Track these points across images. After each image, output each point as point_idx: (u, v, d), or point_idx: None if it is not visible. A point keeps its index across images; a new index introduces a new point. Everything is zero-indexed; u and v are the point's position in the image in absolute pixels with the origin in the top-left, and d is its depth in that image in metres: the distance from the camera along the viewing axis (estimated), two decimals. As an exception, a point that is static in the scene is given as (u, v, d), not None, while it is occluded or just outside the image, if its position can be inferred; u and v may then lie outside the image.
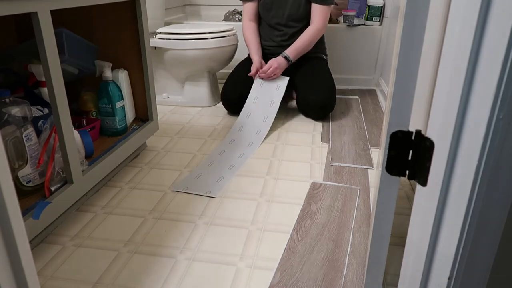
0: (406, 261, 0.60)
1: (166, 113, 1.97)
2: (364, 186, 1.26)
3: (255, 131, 1.64)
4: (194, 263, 0.93)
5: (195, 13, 2.81)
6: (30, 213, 0.90)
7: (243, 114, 1.74)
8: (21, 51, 1.25)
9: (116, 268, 0.91)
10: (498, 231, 0.48)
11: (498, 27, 0.41)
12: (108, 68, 1.29)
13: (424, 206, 0.53)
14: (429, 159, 0.51)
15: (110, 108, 1.31)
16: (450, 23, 0.46)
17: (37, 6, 0.85)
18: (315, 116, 1.81)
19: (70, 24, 1.24)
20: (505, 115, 0.43)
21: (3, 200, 0.35)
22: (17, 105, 0.96)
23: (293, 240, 1.00)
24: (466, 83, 0.44)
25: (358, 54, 2.33)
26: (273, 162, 1.44)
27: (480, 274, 0.51)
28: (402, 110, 0.56)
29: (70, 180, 1.02)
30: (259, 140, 1.59)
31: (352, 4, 2.43)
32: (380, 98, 2.10)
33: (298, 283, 0.86)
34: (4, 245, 0.36)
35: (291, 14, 1.82)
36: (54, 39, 0.91)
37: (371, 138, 1.63)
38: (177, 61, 1.94)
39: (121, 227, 1.06)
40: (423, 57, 0.53)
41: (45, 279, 0.88)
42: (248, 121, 1.70)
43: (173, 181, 1.30)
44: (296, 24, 1.85)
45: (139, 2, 1.28)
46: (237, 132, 1.65)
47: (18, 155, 0.96)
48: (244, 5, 1.92)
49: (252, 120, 1.70)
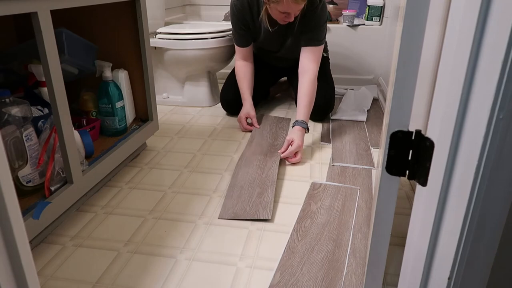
0: (406, 261, 0.60)
1: (166, 113, 1.97)
2: (367, 187, 1.26)
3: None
4: (194, 263, 0.93)
5: (195, 13, 2.81)
6: (30, 213, 0.90)
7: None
8: (21, 51, 1.25)
9: (116, 268, 0.91)
10: (498, 231, 0.48)
11: (498, 27, 0.41)
12: (108, 68, 1.29)
13: (424, 206, 0.53)
14: (429, 159, 0.51)
15: (110, 108, 1.31)
16: (450, 23, 0.46)
17: (37, 6, 0.85)
18: (315, 116, 1.81)
19: (70, 24, 1.24)
20: (505, 115, 0.43)
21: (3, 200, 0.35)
22: (17, 105, 0.96)
23: (293, 240, 1.00)
24: (466, 83, 0.44)
25: (358, 54, 2.33)
26: (273, 162, 1.44)
27: (480, 274, 0.51)
28: (402, 110, 0.56)
29: (70, 180, 1.02)
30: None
31: (352, 4, 2.43)
32: (380, 98, 2.10)
33: (298, 283, 0.86)
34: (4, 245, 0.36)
35: (286, 53, 1.80)
36: (54, 39, 0.91)
37: (371, 138, 1.63)
38: (177, 61, 1.94)
39: (121, 227, 1.06)
40: (423, 57, 0.53)
41: (45, 279, 0.88)
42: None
43: (173, 181, 1.30)
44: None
45: (139, 2, 1.28)
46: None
47: (18, 155, 0.96)
48: (238, 48, 1.77)
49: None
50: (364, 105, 2.01)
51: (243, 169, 1.36)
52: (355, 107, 1.98)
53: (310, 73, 1.57)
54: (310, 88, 1.56)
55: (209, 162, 1.44)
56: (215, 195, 1.22)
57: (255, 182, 1.27)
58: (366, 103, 2.04)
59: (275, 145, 1.55)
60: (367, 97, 2.12)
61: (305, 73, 1.58)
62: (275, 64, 1.95)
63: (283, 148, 1.44)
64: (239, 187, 1.24)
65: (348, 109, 1.96)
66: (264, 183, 1.26)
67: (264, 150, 1.51)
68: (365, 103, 2.04)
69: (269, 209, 1.12)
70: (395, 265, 0.91)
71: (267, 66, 1.94)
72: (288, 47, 1.76)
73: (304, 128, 1.50)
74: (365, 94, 2.15)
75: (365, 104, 2.02)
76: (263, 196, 1.18)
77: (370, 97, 2.11)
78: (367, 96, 2.12)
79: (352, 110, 1.95)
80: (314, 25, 1.58)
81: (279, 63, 1.94)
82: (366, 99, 2.09)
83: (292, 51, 1.74)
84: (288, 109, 2.01)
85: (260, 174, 1.31)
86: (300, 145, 1.44)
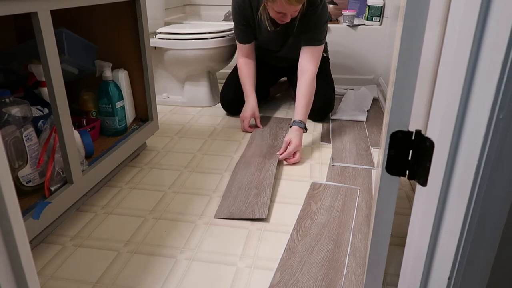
0: (406, 261, 0.60)
1: (166, 113, 1.97)
2: (367, 187, 1.26)
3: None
4: (194, 263, 0.93)
5: (195, 13, 2.81)
6: (30, 213, 0.90)
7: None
8: (21, 51, 1.25)
9: (116, 268, 0.91)
10: (498, 231, 0.48)
11: (498, 26, 0.41)
12: (108, 68, 1.29)
13: (424, 206, 0.53)
14: (429, 159, 0.51)
15: (110, 108, 1.31)
16: (450, 23, 0.46)
17: (37, 6, 0.85)
18: (315, 116, 1.81)
19: (70, 24, 1.24)
20: (505, 115, 0.43)
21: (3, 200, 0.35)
22: (17, 105, 0.96)
23: (293, 240, 1.00)
24: (466, 83, 0.44)
25: (358, 54, 2.33)
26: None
27: (480, 274, 0.51)
28: (402, 110, 0.56)
29: (70, 180, 1.02)
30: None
31: (352, 4, 2.43)
32: (380, 98, 2.10)
33: (298, 283, 0.86)
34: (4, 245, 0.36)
35: (287, 53, 1.80)
36: (54, 39, 0.91)
37: (371, 138, 1.63)
38: (177, 61, 1.94)
39: (121, 227, 1.06)
40: (423, 57, 0.53)
41: (45, 279, 0.88)
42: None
43: (173, 181, 1.30)
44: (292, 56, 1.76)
45: (139, 2, 1.28)
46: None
47: (18, 155, 0.96)
48: (240, 45, 1.76)
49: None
50: (364, 105, 2.01)
51: (241, 171, 1.36)
52: (355, 107, 1.98)
53: (309, 74, 1.57)
54: (309, 88, 1.56)
55: (209, 162, 1.44)
56: (215, 195, 1.22)
57: (253, 183, 1.27)
58: (366, 103, 2.04)
59: (274, 146, 1.55)
60: (367, 97, 2.12)
61: (304, 73, 1.58)
62: (275, 64, 1.95)
63: (281, 149, 1.44)
64: (236, 188, 1.24)
65: (348, 109, 1.96)
66: (261, 184, 1.26)
67: (264, 151, 1.51)
68: (365, 103, 2.04)
69: (264, 209, 1.12)
70: (395, 265, 0.91)
71: (267, 66, 1.94)
72: (289, 47, 1.76)
73: (302, 128, 1.49)
74: (365, 94, 2.15)
75: (365, 104, 2.02)
76: (260, 197, 1.18)
77: (370, 97, 2.11)
78: (367, 96, 2.12)
79: (352, 110, 1.95)
80: (314, 25, 1.58)
81: (279, 63, 1.94)
82: (366, 99, 2.09)
83: (292, 51, 1.74)
84: (288, 109, 2.00)
85: (258, 175, 1.32)
86: (298, 145, 1.44)
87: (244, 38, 1.73)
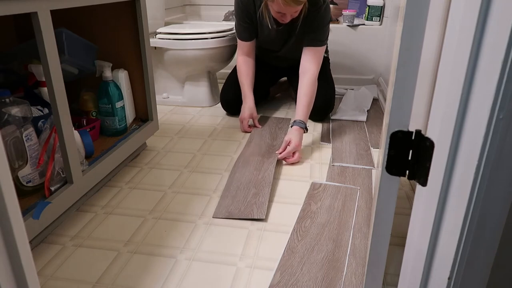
0: (406, 261, 0.60)
1: (166, 113, 1.97)
2: (367, 187, 1.26)
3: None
4: (194, 263, 0.93)
5: (195, 13, 2.81)
6: (30, 213, 0.90)
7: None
8: (21, 51, 1.25)
9: (116, 268, 0.91)
10: (498, 231, 0.48)
11: (498, 26, 0.41)
12: (108, 68, 1.29)
13: (424, 206, 0.53)
14: (429, 159, 0.51)
15: (110, 108, 1.31)
16: (450, 23, 0.46)
17: (37, 6, 0.85)
18: (315, 116, 1.81)
19: (70, 24, 1.24)
20: (505, 115, 0.43)
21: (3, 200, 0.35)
22: (17, 105, 0.96)
23: (293, 240, 1.00)
24: (466, 83, 0.44)
25: (358, 54, 2.33)
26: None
27: (480, 274, 0.51)
28: (402, 110, 0.56)
29: (70, 180, 1.02)
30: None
31: (352, 4, 2.43)
32: (380, 98, 2.10)
33: (298, 283, 0.86)
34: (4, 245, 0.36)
35: (287, 53, 1.80)
36: (54, 39, 0.91)
37: (371, 138, 1.63)
38: (177, 61, 1.94)
39: (121, 227, 1.06)
40: (423, 57, 0.53)
41: (45, 279, 0.88)
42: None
43: (173, 181, 1.30)
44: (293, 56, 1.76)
45: (139, 2, 1.28)
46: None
47: (18, 155, 0.96)
48: (240, 43, 1.75)
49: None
50: (364, 105, 2.01)
51: (240, 170, 1.36)
52: (355, 107, 1.98)
53: (310, 74, 1.57)
54: (310, 88, 1.56)
55: (209, 162, 1.44)
56: (215, 195, 1.22)
57: (251, 183, 1.27)
58: (366, 103, 2.04)
59: (273, 146, 1.55)
60: (367, 97, 2.12)
61: (306, 73, 1.58)
62: (275, 64, 1.95)
63: (281, 148, 1.44)
64: (235, 188, 1.24)
65: (348, 109, 1.96)
66: (260, 184, 1.26)
67: (263, 150, 1.51)
68: (365, 103, 2.04)
69: (263, 209, 1.12)
70: (395, 265, 0.91)
71: (267, 66, 1.94)
72: (290, 47, 1.76)
73: (303, 128, 1.49)
74: (365, 94, 2.15)
75: (365, 104, 2.02)
76: (258, 197, 1.18)
77: (370, 97, 2.11)
78: (367, 96, 2.12)
79: (352, 110, 1.95)
80: (317, 25, 1.58)
81: (280, 63, 1.93)
82: (366, 99, 2.09)
83: (293, 51, 1.74)
84: (288, 109, 2.01)
85: (257, 175, 1.32)
86: (297, 145, 1.43)
87: (245, 35, 1.73)
